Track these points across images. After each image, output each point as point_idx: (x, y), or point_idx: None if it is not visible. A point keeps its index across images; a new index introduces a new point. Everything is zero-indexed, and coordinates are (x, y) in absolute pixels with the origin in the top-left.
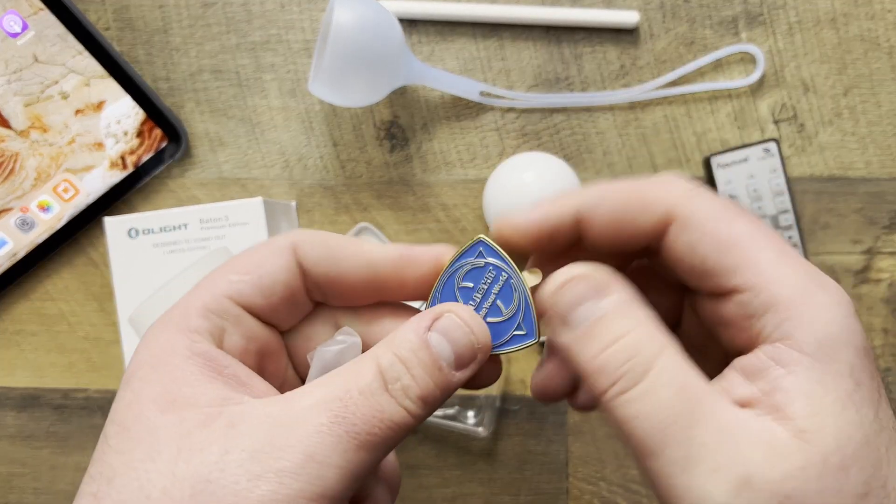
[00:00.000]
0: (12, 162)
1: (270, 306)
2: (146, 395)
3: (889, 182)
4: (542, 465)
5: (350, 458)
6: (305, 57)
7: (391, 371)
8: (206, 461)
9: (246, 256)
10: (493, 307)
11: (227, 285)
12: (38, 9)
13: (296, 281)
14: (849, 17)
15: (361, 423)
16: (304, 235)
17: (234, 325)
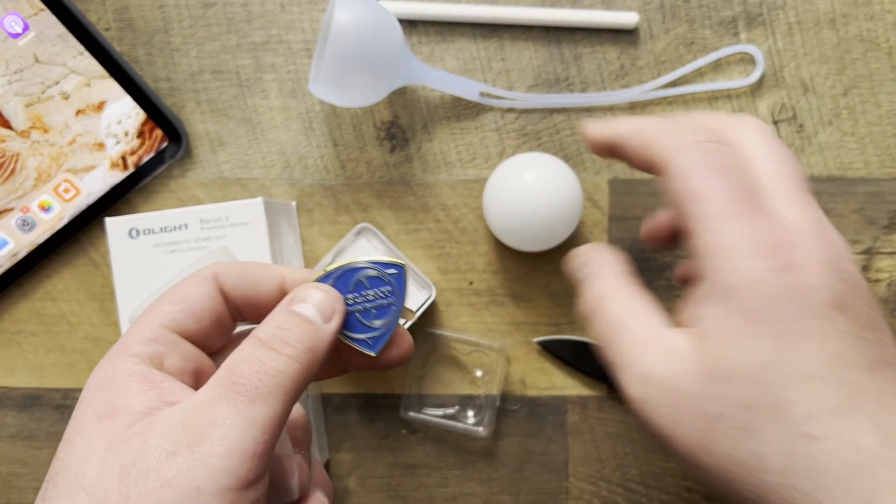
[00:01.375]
0: (13, 162)
1: (202, 330)
2: (88, 411)
3: (888, 182)
4: (542, 464)
5: (247, 414)
6: (306, 57)
7: (268, 333)
8: (130, 451)
9: (177, 289)
10: (367, 311)
11: (162, 315)
12: (38, 9)
13: (220, 306)
14: (848, 18)
15: (245, 380)
16: (223, 266)
17: (171, 350)
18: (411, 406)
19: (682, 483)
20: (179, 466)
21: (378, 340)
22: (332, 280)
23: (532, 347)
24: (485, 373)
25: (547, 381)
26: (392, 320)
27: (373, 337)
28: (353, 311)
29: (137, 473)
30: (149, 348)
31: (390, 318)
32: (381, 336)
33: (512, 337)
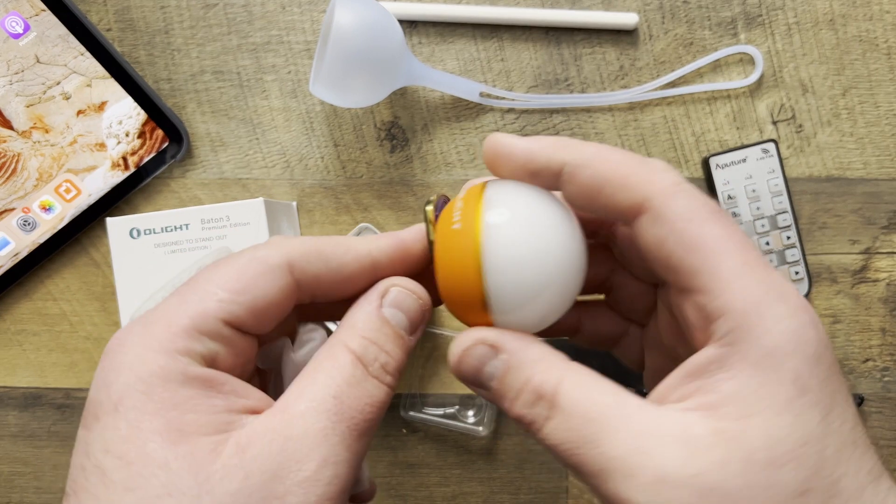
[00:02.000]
0: (14, 162)
1: (262, 325)
2: (147, 427)
3: (887, 182)
4: (541, 464)
5: (355, 449)
6: (306, 58)
7: (367, 354)
8: (230, 490)
9: (236, 271)
10: None
11: (217, 306)
12: (39, 10)
13: (290, 301)
14: (847, 18)
15: (358, 413)
16: (298, 249)
17: (226, 346)
18: (411, 405)
19: None
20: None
21: None
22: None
23: None
24: None
25: None
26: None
27: None
28: None
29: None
30: (202, 345)
31: None
32: None
33: None
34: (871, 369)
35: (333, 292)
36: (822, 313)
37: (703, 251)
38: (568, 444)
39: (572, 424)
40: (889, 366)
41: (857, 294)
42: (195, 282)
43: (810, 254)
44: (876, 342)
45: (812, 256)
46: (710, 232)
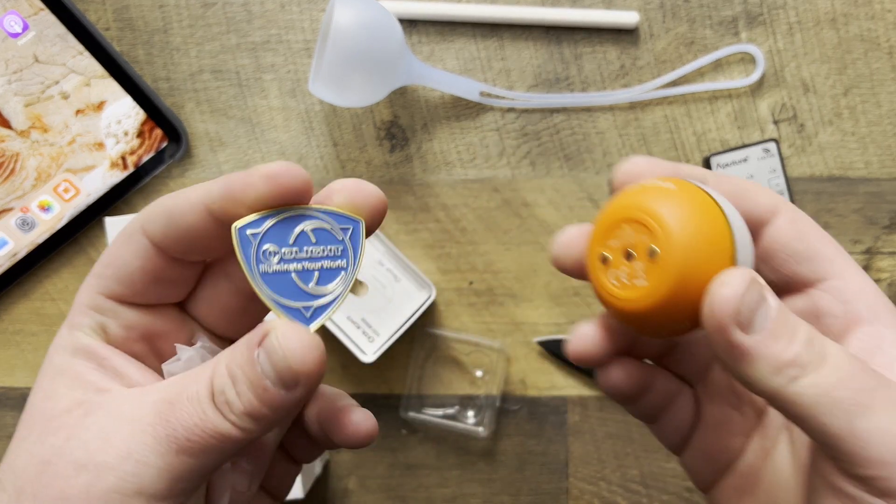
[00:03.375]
0: (13, 162)
1: (138, 292)
2: (40, 386)
3: (889, 182)
4: (542, 465)
5: (170, 461)
6: (305, 57)
7: (218, 384)
8: (53, 445)
9: (108, 249)
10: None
11: (96, 282)
12: (38, 9)
13: (151, 262)
14: (849, 17)
15: (183, 428)
16: (149, 209)
17: (111, 318)
18: (411, 406)
19: (682, 483)
20: (81, 486)
21: (317, 313)
22: (270, 223)
23: (532, 347)
24: (485, 373)
25: (547, 382)
26: (339, 290)
27: (310, 308)
28: (289, 269)
29: (48, 475)
30: (90, 318)
31: (337, 285)
32: (321, 308)
33: (512, 337)
34: None
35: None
36: None
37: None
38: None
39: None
40: None
41: None
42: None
43: None
44: None
45: None
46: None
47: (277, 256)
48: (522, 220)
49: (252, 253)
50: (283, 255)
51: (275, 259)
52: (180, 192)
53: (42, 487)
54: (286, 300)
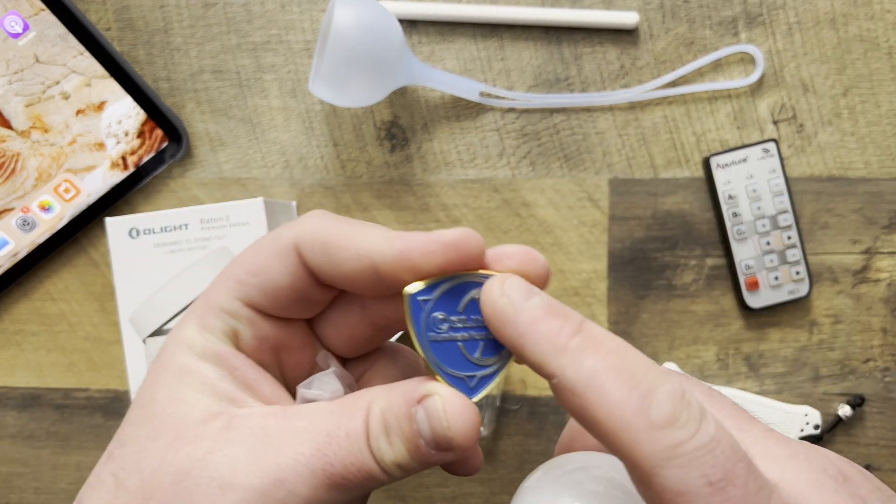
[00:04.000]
0: (13, 162)
1: (280, 307)
2: (163, 383)
3: (888, 182)
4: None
5: (319, 495)
6: (306, 57)
7: (374, 429)
8: (192, 455)
9: (253, 255)
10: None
11: (235, 286)
12: (39, 9)
13: (302, 282)
14: (848, 18)
15: (339, 464)
16: (306, 234)
17: (247, 326)
18: None
19: None
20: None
21: (481, 383)
22: (439, 292)
23: None
24: None
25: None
26: (503, 359)
27: (474, 377)
28: (457, 338)
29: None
30: (223, 322)
31: (502, 356)
32: (485, 378)
33: None
34: (872, 369)
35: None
36: (822, 313)
37: None
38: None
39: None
40: (890, 366)
41: (859, 294)
42: (230, 265)
43: (811, 254)
44: (877, 342)
45: (813, 256)
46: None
47: (447, 325)
48: (522, 220)
49: (423, 320)
50: (452, 324)
51: (444, 327)
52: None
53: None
54: (452, 370)
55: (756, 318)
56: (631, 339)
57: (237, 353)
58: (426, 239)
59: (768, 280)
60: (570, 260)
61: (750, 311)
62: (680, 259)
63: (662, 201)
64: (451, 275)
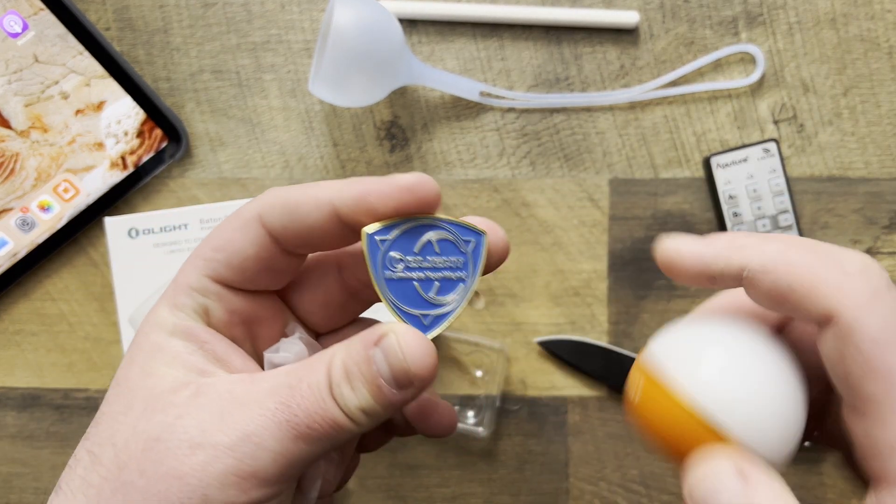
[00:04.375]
0: (12, 162)
1: (247, 279)
2: (136, 362)
3: (889, 182)
4: (542, 465)
5: (287, 446)
6: (306, 57)
7: (336, 377)
8: (162, 422)
9: (219, 231)
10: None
11: (203, 264)
12: (38, 9)
13: (266, 251)
14: (849, 18)
15: (304, 414)
16: (266, 202)
17: (216, 301)
18: None
19: None
20: (196, 465)
21: (435, 322)
22: (399, 231)
23: (532, 347)
24: (485, 373)
25: (547, 382)
26: (458, 300)
27: (429, 316)
28: (412, 277)
29: (159, 451)
30: (193, 299)
31: (457, 296)
32: (439, 317)
33: (512, 337)
34: None
35: (308, 242)
36: None
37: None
38: None
39: None
40: None
41: None
42: (198, 247)
43: None
44: None
45: None
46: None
47: (402, 264)
48: (522, 220)
49: (379, 258)
50: (408, 264)
51: (399, 266)
52: (303, 188)
53: (150, 464)
54: (407, 307)
55: None
56: (631, 339)
57: (206, 329)
58: (383, 182)
59: None
60: (571, 260)
61: None
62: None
63: (663, 201)
64: (407, 217)
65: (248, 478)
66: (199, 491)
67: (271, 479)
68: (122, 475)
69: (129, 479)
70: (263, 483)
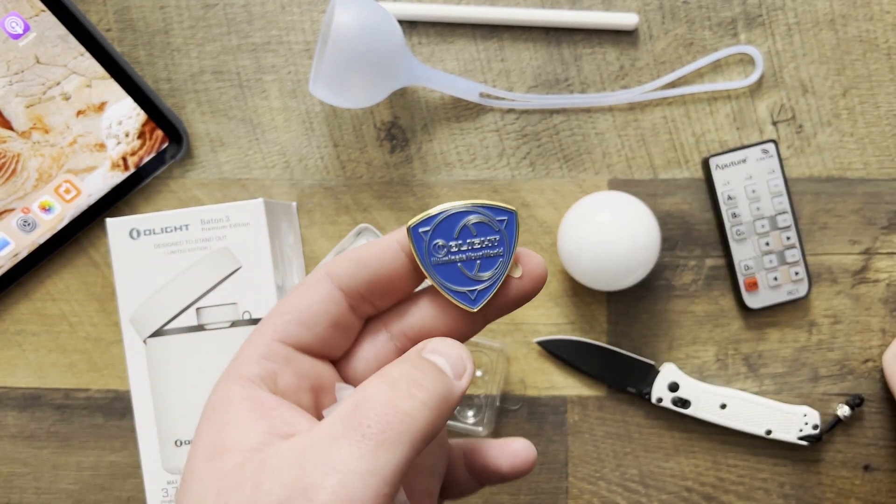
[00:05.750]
0: (14, 163)
1: (317, 338)
2: (199, 447)
3: (887, 183)
4: (541, 464)
5: (371, 462)
6: (306, 58)
7: (397, 376)
8: (241, 498)
9: (288, 298)
10: (471, 261)
11: (273, 329)
12: (39, 10)
13: (336, 306)
14: (847, 19)
15: (375, 423)
16: (334, 261)
17: (285, 366)
18: None
19: (682, 483)
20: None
21: (481, 295)
22: (435, 224)
23: (532, 347)
24: (485, 373)
25: (547, 381)
26: (499, 273)
27: (475, 291)
28: (455, 260)
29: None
30: (260, 367)
31: (497, 270)
32: (484, 290)
33: (512, 337)
34: (871, 370)
35: (380, 291)
36: (822, 314)
37: None
38: None
39: None
40: None
41: (858, 294)
42: (268, 314)
43: (810, 254)
44: (876, 342)
45: (812, 257)
46: None
47: (445, 250)
48: (522, 221)
49: (424, 248)
50: (450, 248)
51: (443, 252)
52: (368, 243)
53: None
54: (454, 286)
55: (755, 319)
56: (631, 339)
57: (273, 396)
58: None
59: (767, 280)
60: None
61: (749, 311)
62: (679, 259)
63: (662, 202)
64: (441, 210)
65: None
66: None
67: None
68: None
69: None
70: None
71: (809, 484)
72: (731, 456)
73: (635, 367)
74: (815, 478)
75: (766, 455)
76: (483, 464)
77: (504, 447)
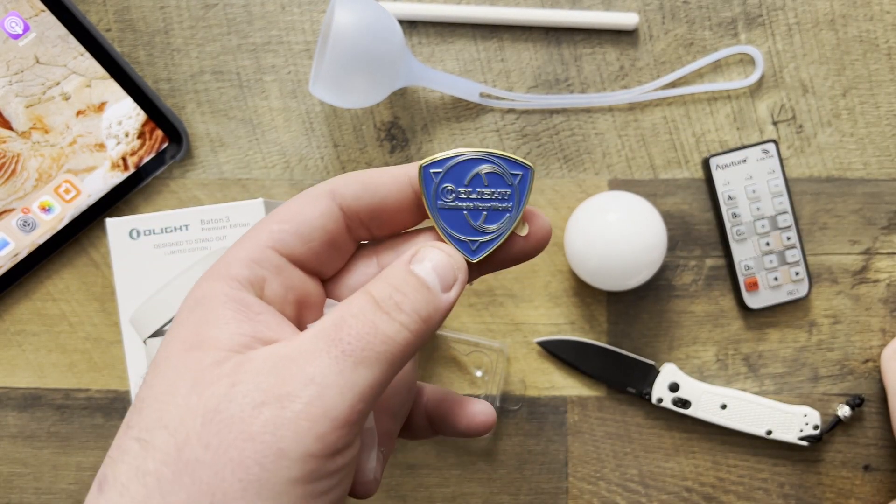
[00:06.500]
0: (14, 163)
1: (311, 252)
2: (177, 336)
3: (887, 183)
4: (541, 464)
5: (349, 377)
6: (306, 58)
7: (382, 294)
8: (216, 394)
9: (286, 206)
10: (477, 211)
11: (268, 235)
12: (39, 10)
13: (335, 224)
14: (847, 19)
15: (356, 340)
16: (340, 178)
17: (274, 275)
18: None
19: (681, 483)
20: (265, 421)
21: (483, 247)
22: (448, 168)
23: (532, 347)
24: (485, 373)
25: (547, 381)
26: (504, 228)
27: (477, 242)
28: (462, 207)
29: (221, 421)
30: (250, 271)
31: (503, 225)
32: (486, 243)
33: (512, 337)
34: (871, 370)
35: (380, 220)
36: (822, 314)
37: None
38: None
39: None
40: None
41: (858, 294)
42: (259, 222)
43: (810, 254)
44: (876, 343)
45: (812, 257)
46: None
47: (453, 195)
48: None
49: (433, 189)
50: (459, 194)
51: (451, 197)
52: (379, 169)
53: (214, 435)
54: (456, 233)
55: (755, 319)
56: (631, 339)
57: (260, 301)
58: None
59: (768, 280)
60: None
61: (749, 311)
62: (679, 259)
63: (662, 202)
64: (455, 153)
65: (320, 420)
66: (274, 446)
67: (342, 417)
68: (182, 454)
69: (192, 457)
70: (336, 423)
71: (809, 484)
72: (731, 456)
73: (635, 368)
74: (815, 478)
75: (766, 455)
76: (442, 415)
77: (465, 405)
